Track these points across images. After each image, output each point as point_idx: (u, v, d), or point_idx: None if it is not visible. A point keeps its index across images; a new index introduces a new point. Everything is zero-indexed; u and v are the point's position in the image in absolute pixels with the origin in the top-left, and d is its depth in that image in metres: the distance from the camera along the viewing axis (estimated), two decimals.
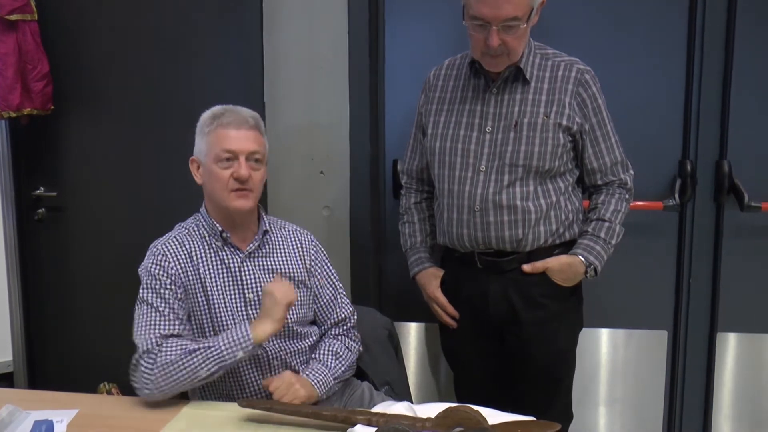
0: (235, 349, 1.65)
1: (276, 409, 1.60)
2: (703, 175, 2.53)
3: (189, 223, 1.87)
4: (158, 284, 1.74)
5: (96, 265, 2.83)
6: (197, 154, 1.82)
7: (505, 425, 1.49)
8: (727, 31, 2.46)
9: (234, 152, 1.75)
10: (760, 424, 2.67)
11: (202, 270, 1.78)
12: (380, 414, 1.53)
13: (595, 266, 2.00)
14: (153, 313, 1.71)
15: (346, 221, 2.59)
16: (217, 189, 1.77)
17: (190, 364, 1.63)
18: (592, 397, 2.71)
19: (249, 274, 1.81)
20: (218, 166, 1.76)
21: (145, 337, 1.68)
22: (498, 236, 1.97)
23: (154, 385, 1.64)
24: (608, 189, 2.06)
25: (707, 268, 2.59)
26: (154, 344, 1.66)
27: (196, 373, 1.64)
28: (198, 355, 1.64)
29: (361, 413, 1.56)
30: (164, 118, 2.72)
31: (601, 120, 1.99)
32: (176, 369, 1.63)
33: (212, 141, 1.77)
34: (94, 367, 2.81)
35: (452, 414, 1.46)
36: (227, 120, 1.77)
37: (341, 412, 1.58)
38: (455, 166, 1.99)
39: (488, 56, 1.90)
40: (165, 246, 1.80)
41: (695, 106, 2.51)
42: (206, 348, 1.64)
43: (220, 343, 1.65)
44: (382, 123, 2.67)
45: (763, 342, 2.62)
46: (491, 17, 1.80)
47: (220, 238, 1.81)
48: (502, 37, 1.83)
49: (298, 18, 2.53)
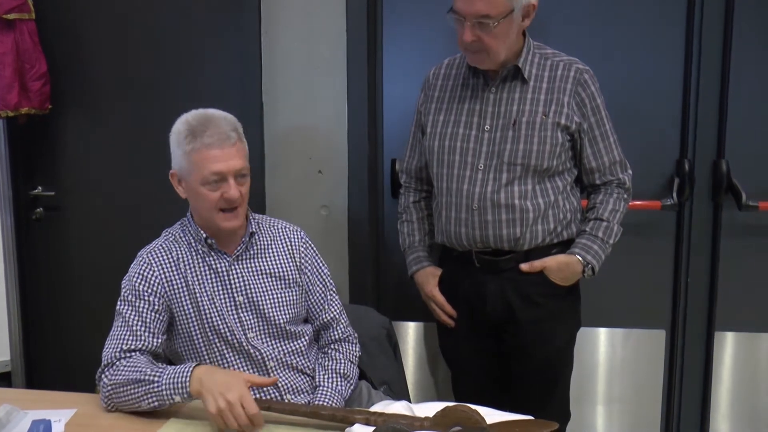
0: (173, 393, 1.56)
1: (275, 408, 1.59)
2: (701, 175, 2.53)
3: (176, 229, 1.85)
4: (135, 296, 1.73)
5: (94, 265, 2.83)
6: (178, 169, 1.74)
7: (503, 424, 1.49)
8: (725, 31, 2.46)
9: (222, 174, 1.68)
10: (758, 423, 2.68)
11: (189, 277, 1.76)
12: (378, 413, 1.53)
13: (592, 265, 2.01)
14: (123, 327, 1.70)
15: (344, 221, 2.59)
16: (205, 209, 1.74)
17: (134, 394, 1.60)
18: (590, 395, 2.72)
19: (237, 276, 1.80)
20: (205, 189, 1.69)
21: (109, 351, 1.68)
22: (496, 235, 1.97)
23: (111, 402, 1.64)
24: (606, 188, 2.06)
25: (705, 267, 2.59)
26: (114, 358, 1.66)
27: (138, 403, 1.60)
28: (141, 387, 1.59)
29: (360, 412, 1.56)
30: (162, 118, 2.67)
31: (599, 119, 1.99)
32: (123, 393, 1.61)
33: (196, 162, 1.68)
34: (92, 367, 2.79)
35: (450, 413, 1.46)
36: (210, 139, 1.67)
37: (339, 411, 1.58)
38: (454, 164, 1.99)
39: (468, 51, 1.92)
40: (150, 255, 1.78)
41: (693, 105, 2.51)
42: (150, 382, 1.58)
43: (163, 381, 1.57)
44: (380, 122, 2.67)
45: (760, 341, 2.63)
46: (464, 12, 1.83)
47: (206, 245, 1.79)
48: (477, 34, 1.85)
49: (297, 18, 2.53)
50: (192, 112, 1.76)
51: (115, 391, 1.62)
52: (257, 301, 1.80)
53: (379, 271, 2.72)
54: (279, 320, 1.81)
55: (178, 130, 1.74)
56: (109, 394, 1.63)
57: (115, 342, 1.69)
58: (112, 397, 1.63)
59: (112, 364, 1.65)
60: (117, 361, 1.65)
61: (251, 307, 1.79)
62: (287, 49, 2.55)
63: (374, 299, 2.66)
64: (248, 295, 1.79)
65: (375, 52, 2.62)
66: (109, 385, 1.63)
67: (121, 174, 2.76)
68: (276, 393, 1.79)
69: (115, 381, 1.62)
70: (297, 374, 1.83)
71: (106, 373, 1.65)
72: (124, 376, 1.61)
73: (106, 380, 1.65)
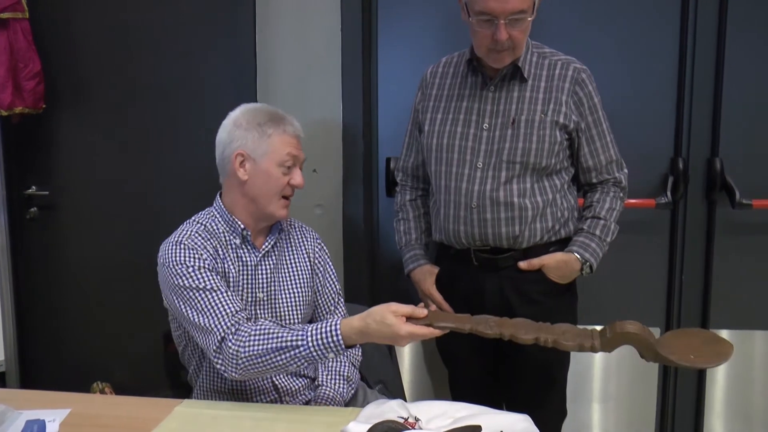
0: (326, 351, 1.57)
1: (436, 325, 1.55)
2: (695, 173, 2.55)
3: (203, 218, 1.80)
4: (200, 272, 1.68)
5: (88, 264, 2.82)
6: (249, 150, 1.74)
7: (678, 334, 1.53)
8: (719, 30, 2.47)
9: (296, 159, 1.77)
10: (752, 420, 2.69)
11: (226, 265, 1.75)
12: (547, 329, 1.51)
13: (590, 263, 2.01)
14: (211, 295, 1.65)
15: (339, 219, 2.59)
16: (269, 192, 1.75)
17: (279, 361, 1.58)
18: (586, 393, 2.72)
19: (263, 273, 1.80)
20: (279, 170, 1.74)
21: (219, 321, 1.63)
22: (495, 233, 1.97)
23: (243, 371, 1.61)
24: (603, 187, 2.07)
25: (699, 265, 2.61)
26: (234, 325, 1.62)
27: (285, 368, 1.60)
28: (286, 353, 1.58)
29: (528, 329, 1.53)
30: (156, 117, 2.71)
31: (596, 119, 2.00)
32: (265, 362, 1.59)
33: (277, 144, 1.74)
34: (87, 367, 2.80)
35: (619, 333, 1.46)
36: (291, 128, 1.77)
37: (507, 328, 1.54)
38: (452, 162, 2.00)
39: (494, 52, 1.89)
40: (191, 240, 1.72)
41: (687, 104, 2.53)
42: (295, 347, 1.57)
43: (309, 343, 1.57)
44: (375, 121, 2.67)
45: (754, 338, 2.64)
46: (499, 11, 1.81)
47: (240, 236, 1.78)
48: (509, 31, 1.83)
49: (291, 16, 2.53)
50: (258, 105, 1.84)
51: (254, 362, 1.59)
52: (276, 300, 1.81)
53: (375, 269, 2.72)
54: (292, 320, 1.82)
55: (254, 115, 1.76)
56: (246, 364, 1.59)
57: (216, 312, 1.63)
58: (249, 368, 1.60)
59: (233, 332, 1.61)
60: (235, 329, 1.61)
61: (269, 305, 1.80)
62: (282, 48, 2.55)
63: (370, 298, 2.66)
64: (269, 293, 1.80)
65: (370, 50, 2.62)
66: (244, 356, 1.59)
67: (116, 173, 2.75)
68: (275, 395, 1.79)
69: (253, 351, 1.58)
70: (295, 377, 1.83)
71: (232, 342, 1.60)
72: (261, 346, 1.59)
73: (234, 348, 1.59)
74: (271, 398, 1.79)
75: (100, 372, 2.77)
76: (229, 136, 1.76)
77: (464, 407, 1.57)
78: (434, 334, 1.53)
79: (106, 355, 2.82)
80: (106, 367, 2.80)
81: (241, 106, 1.81)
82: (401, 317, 1.53)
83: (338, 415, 1.61)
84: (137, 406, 1.71)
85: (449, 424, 1.47)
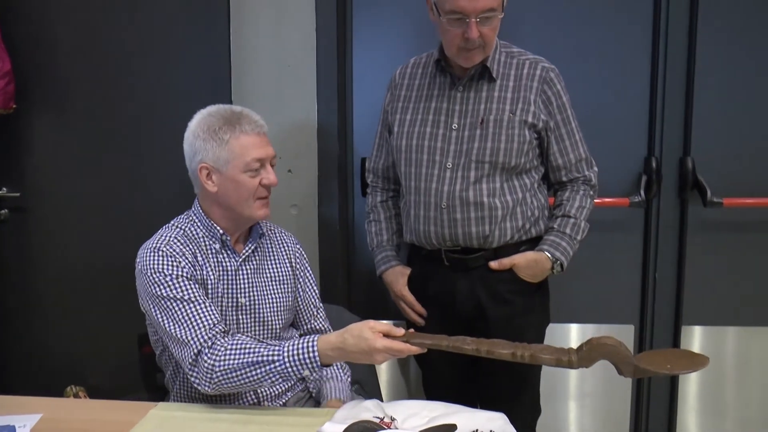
0: (301, 368, 1.57)
1: (414, 342, 1.53)
2: (668, 172, 2.57)
3: (182, 222, 1.78)
4: (178, 282, 1.66)
5: (60, 266, 2.79)
6: (211, 161, 1.69)
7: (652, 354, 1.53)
8: (690, 32, 2.50)
9: (263, 160, 1.71)
10: (724, 415, 2.72)
11: (204, 271, 1.73)
12: (525, 347, 1.50)
13: (561, 262, 2.02)
14: (189, 306, 1.64)
15: (314, 220, 2.59)
16: (241, 198, 1.71)
17: (253, 376, 1.58)
18: (561, 391, 2.74)
19: (244, 278, 1.78)
20: (247, 176, 1.70)
21: (196, 334, 1.61)
22: (465, 233, 1.98)
23: (217, 386, 1.60)
24: (573, 186, 2.08)
25: (672, 262, 2.63)
26: (210, 339, 1.61)
27: (260, 383, 1.59)
28: (261, 368, 1.57)
29: (505, 346, 1.52)
30: (129, 118, 2.69)
31: (565, 117, 2.01)
32: (239, 376, 1.58)
33: (237, 149, 1.68)
34: (60, 370, 2.77)
35: (597, 346, 1.47)
36: (248, 127, 1.70)
37: (483, 345, 1.52)
38: (422, 163, 2.00)
39: (465, 51, 1.90)
40: (169, 247, 1.69)
41: (660, 104, 2.55)
42: (270, 362, 1.57)
43: (285, 359, 1.56)
44: (350, 121, 2.66)
45: (726, 334, 2.67)
46: (470, 9, 1.81)
47: (219, 241, 1.76)
48: (480, 29, 1.84)
49: (266, 16, 2.52)
50: (214, 108, 1.76)
51: (228, 376, 1.58)
52: (258, 305, 1.79)
53: (350, 270, 2.71)
54: (275, 325, 1.81)
55: (209, 123, 1.71)
56: (220, 378, 1.58)
57: (193, 325, 1.62)
58: (223, 382, 1.59)
59: (209, 345, 1.60)
60: (212, 342, 1.60)
61: (251, 310, 1.78)
62: (256, 49, 2.54)
63: (345, 298, 2.66)
64: (251, 298, 1.78)
65: (345, 51, 2.62)
66: (219, 370, 1.58)
67: (88, 174, 2.72)
68: (254, 398, 1.78)
69: (227, 366, 1.57)
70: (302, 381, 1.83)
71: (208, 356, 1.59)
72: (236, 360, 1.57)
73: (209, 363, 1.58)
74: (250, 402, 1.78)
75: (74, 375, 2.74)
76: (191, 149, 1.73)
77: (440, 406, 1.58)
78: (411, 351, 1.53)
79: (81, 358, 2.79)
80: (81, 371, 2.77)
81: (197, 114, 1.75)
82: (378, 333, 1.53)
83: (314, 416, 1.62)
84: (111, 410, 1.70)
85: (425, 423, 1.48)
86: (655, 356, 1.51)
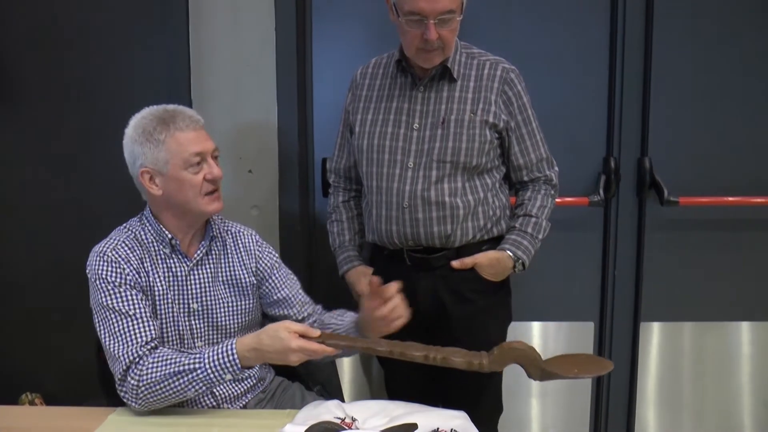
0: (223, 372, 1.57)
1: (329, 343, 1.55)
2: (626, 172, 2.61)
3: (134, 225, 1.75)
4: (117, 291, 1.64)
5: (17, 271, 2.71)
6: (151, 164, 1.67)
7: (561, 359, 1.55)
8: (646, 34, 2.54)
9: (203, 154, 1.68)
10: (682, 409, 2.78)
11: (151, 278, 1.70)
12: (437, 349, 1.54)
13: (523, 261, 2.04)
14: (125, 320, 1.62)
15: (275, 220, 2.57)
16: (189, 196, 1.68)
17: (177, 387, 1.56)
18: (523, 389, 2.76)
19: (195, 283, 1.75)
20: (189, 172, 1.67)
21: (124, 351, 1.59)
22: (427, 232, 1.98)
23: (144, 402, 1.58)
24: (534, 185, 2.10)
25: (631, 260, 2.68)
26: (136, 357, 1.59)
27: (184, 394, 1.58)
28: (184, 377, 1.56)
29: (417, 348, 1.55)
30: (87, 117, 2.63)
31: (526, 118, 2.03)
32: (163, 389, 1.57)
33: (174, 148, 1.66)
34: (15, 378, 2.70)
35: (507, 351, 1.51)
36: (182, 124, 1.67)
37: (397, 347, 1.55)
38: (383, 163, 2.00)
39: (424, 52, 1.90)
40: (115, 252, 1.67)
41: (618, 105, 2.59)
42: (191, 370, 1.56)
43: (206, 365, 1.56)
44: (310, 121, 2.65)
45: (683, 330, 2.73)
46: (429, 11, 1.82)
47: (169, 245, 1.73)
48: (439, 31, 1.84)
49: (225, 15, 2.50)
50: (147, 110, 1.73)
51: (152, 390, 1.56)
52: (211, 310, 1.76)
53: (312, 270, 2.70)
54: (231, 328, 1.78)
55: (144, 126, 1.68)
56: (145, 394, 1.57)
57: (125, 340, 1.60)
58: (148, 397, 1.57)
59: (136, 362, 1.58)
60: (139, 359, 1.58)
61: (204, 315, 1.75)
62: (216, 48, 2.51)
63: None
64: (203, 303, 1.75)
65: (304, 50, 2.61)
66: (143, 385, 1.56)
67: (43, 174, 2.66)
68: (213, 402, 1.76)
69: (150, 380, 1.56)
70: (235, 383, 1.79)
71: (132, 374, 1.57)
72: (158, 373, 1.56)
73: (134, 381, 1.57)
74: (209, 406, 1.76)
75: (29, 382, 2.68)
76: (131, 155, 1.70)
77: (400, 406, 1.58)
78: (326, 351, 1.54)
79: (36, 364, 2.73)
80: (36, 378, 2.71)
81: (132, 119, 1.73)
82: (294, 333, 1.54)
83: (275, 418, 1.61)
84: (69, 417, 1.66)
85: (386, 423, 1.48)
86: (563, 360, 1.56)
